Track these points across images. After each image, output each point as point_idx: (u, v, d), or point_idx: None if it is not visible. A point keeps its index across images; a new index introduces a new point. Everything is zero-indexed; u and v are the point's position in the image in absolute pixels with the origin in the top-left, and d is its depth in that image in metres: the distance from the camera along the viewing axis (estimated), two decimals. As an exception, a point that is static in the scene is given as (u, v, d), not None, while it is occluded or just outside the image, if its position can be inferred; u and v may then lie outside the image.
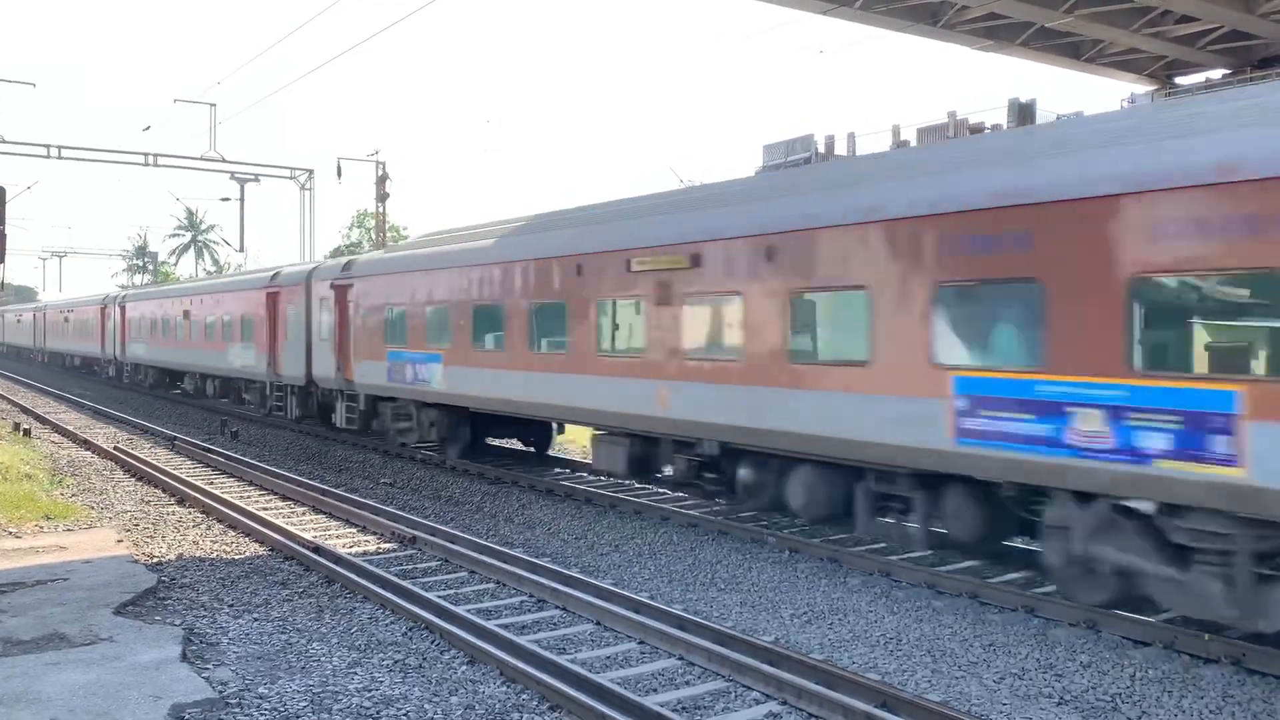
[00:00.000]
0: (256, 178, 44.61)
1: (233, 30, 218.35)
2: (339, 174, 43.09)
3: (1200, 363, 8.35)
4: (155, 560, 11.97)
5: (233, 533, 13.73)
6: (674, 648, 8.61)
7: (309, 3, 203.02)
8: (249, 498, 16.49)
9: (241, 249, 49.26)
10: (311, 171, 46.55)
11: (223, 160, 42.79)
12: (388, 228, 46.74)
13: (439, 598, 9.99)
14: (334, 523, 14.54)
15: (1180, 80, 28.90)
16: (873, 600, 10.27)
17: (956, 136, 18.65)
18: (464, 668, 8.27)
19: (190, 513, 15.18)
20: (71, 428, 26.30)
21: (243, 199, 44.86)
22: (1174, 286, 8.57)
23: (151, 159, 42.64)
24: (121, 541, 12.93)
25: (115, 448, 21.77)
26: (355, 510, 14.70)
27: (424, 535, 12.93)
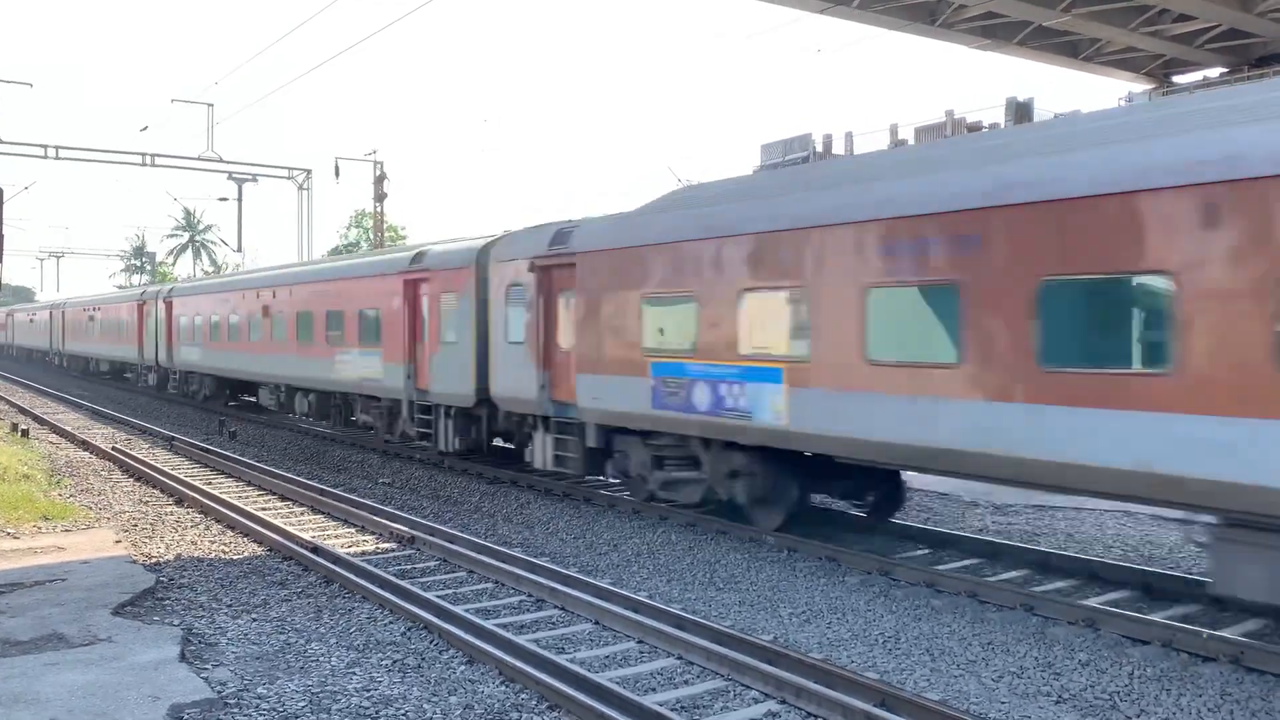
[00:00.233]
0: (254, 178, 44.66)
1: (230, 30, 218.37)
2: (337, 174, 43.12)
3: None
4: (154, 560, 11.96)
5: (231, 533, 13.73)
6: (673, 647, 8.62)
7: (306, 3, 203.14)
8: (247, 498, 16.49)
9: (239, 249, 49.36)
10: (309, 171, 46.70)
11: (220, 160, 42.87)
12: (385, 228, 46.76)
13: (437, 597, 9.98)
14: (332, 522, 14.54)
15: (1178, 79, 28.95)
16: (871, 599, 10.28)
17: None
18: (463, 667, 8.27)
19: (189, 513, 15.18)
20: (69, 428, 26.27)
21: (240, 199, 44.96)
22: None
23: (149, 159, 42.73)
24: (120, 542, 12.92)
25: (113, 448, 21.75)
26: (354, 510, 14.69)
27: (422, 535, 12.93)
